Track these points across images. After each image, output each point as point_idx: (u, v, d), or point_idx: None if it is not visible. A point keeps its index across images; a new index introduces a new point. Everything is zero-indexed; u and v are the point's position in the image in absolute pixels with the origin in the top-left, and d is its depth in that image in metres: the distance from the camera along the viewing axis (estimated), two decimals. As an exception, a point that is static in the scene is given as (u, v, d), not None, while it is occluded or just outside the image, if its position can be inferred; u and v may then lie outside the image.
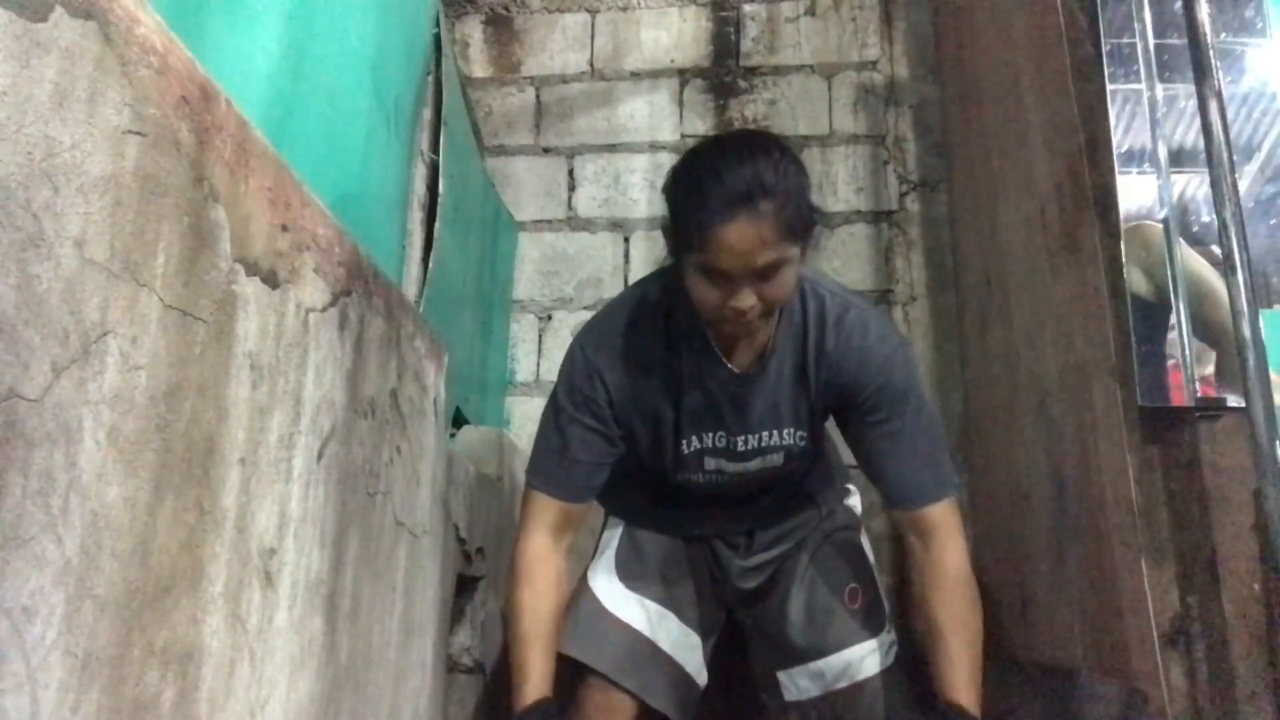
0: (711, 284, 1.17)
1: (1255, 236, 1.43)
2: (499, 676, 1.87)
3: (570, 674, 1.44)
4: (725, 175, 1.13)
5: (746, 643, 1.58)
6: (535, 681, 1.28)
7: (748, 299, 1.15)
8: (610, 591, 1.48)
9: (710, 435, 1.38)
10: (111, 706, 0.66)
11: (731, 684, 1.62)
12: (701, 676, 1.50)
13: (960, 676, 1.27)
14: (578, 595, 1.48)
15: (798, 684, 1.46)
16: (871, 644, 1.43)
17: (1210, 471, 1.39)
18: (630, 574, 1.49)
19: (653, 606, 1.47)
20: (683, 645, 1.48)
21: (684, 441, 1.38)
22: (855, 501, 1.64)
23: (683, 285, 1.23)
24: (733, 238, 1.11)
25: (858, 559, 1.53)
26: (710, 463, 1.41)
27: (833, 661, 1.43)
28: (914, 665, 1.48)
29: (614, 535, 1.56)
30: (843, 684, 1.42)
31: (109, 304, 0.66)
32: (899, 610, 1.81)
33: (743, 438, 1.38)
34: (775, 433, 1.39)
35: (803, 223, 1.16)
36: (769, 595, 1.54)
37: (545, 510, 1.36)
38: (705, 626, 1.52)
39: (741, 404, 1.35)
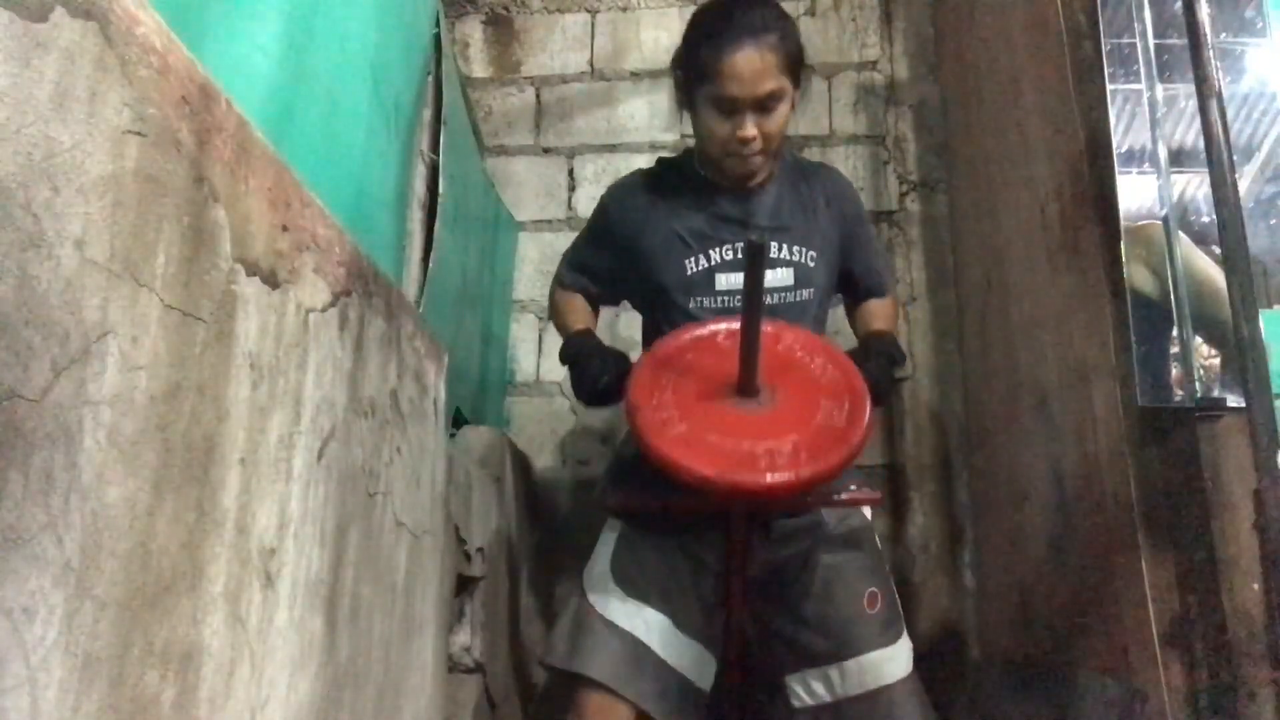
0: (720, 115, 1.40)
1: (1255, 236, 1.43)
2: (499, 676, 1.87)
3: (567, 683, 1.43)
4: (734, 15, 1.38)
5: (752, 645, 1.54)
6: (580, 323, 1.61)
7: (751, 129, 1.39)
8: (606, 599, 1.45)
9: (717, 249, 1.52)
10: (111, 706, 0.66)
11: (736, 691, 1.60)
12: (705, 682, 1.46)
13: (876, 321, 1.63)
14: (572, 604, 1.47)
15: (810, 688, 1.43)
16: (890, 650, 1.41)
17: (1210, 471, 1.39)
18: (628, 581, 1.46)
19: (651, 614, 1.44)
20: (682, 652, 1.45)
21: (690, 259, 1.52)
22: (867, 510, 1.61)
23: (688, 154, 1.59)
24: (741, 65, 1.35)
25: (875, 560, 1.51)
26: (721, 280, 1.52)
27: (850, 666, 1.41)
28: (920, 668, 1.47)
29: (610, 541, 1.53)
30: (857, 690, 1.39)
31: (109, 304, 0.66)
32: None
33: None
34: (783, 245, 1.52)
35: (798, 61, 1.42)
36: (781, 593, 1.51)
37: (569, 293, 1.69)
38: (706, 634, 1.49)
39: (745, 215, 1.53)
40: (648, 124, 2.73)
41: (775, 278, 1.50)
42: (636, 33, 2.82)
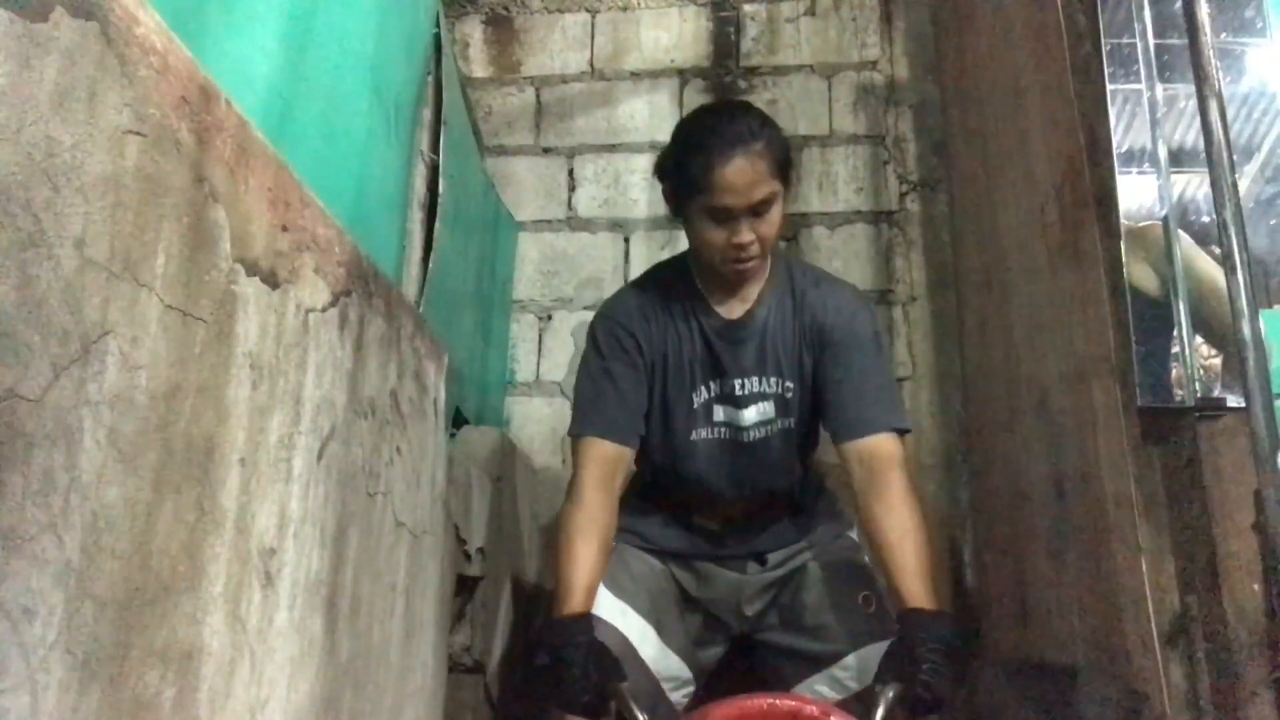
0: (715, 224, 1.40)
1: (1255, 236, 1.43)
2: (499, 676, 1.87)
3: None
4: (721, 128, 1.39)
5: (761, 667, 1.58)
6: (577, 597, 1.33)
7: (747, 234, 1.38)
8: (598, 598, 1.47)
9: (714, 383, 1.51)
10: (111, 706, 0.66)
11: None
12: (678, 697, 1.50)
13: (915, 582, 1.30)
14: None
15: (816, 693, 1.46)
16: (885, 645, 1.43)
17: (1210, 471, 1.39)
18: (617, 585, 1.49)
19: (636, 618, 1.47)
20: (663, 663, 1.48)
21: (695, 391, 1.50)
22: (855, 533, 1.64)
23: (680, 262, 1.54)
24: (733, 176, 1.35)
25: (865, 572, 1.54)
26: (718, 412, 1.50)
27: (849, 662, 1.43)
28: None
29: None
30: (859, 686, 1.42)
31: (109, 304, 0.66)
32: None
33: (739, 380, 1.49)
34: (766, 379, 1.50)
35: (786, 163, 1.42)
36: (779, 611, 1.54)
37: (595, 452, 1.44)
38: (687, 653, 1.52)
39: (736, 349, 1.50)
40: (648, 124, 2.73)
41: (759, 411, 1.50)
42: (636, 33, 2.82)
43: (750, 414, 1.50)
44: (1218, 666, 1.33)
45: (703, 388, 1.51)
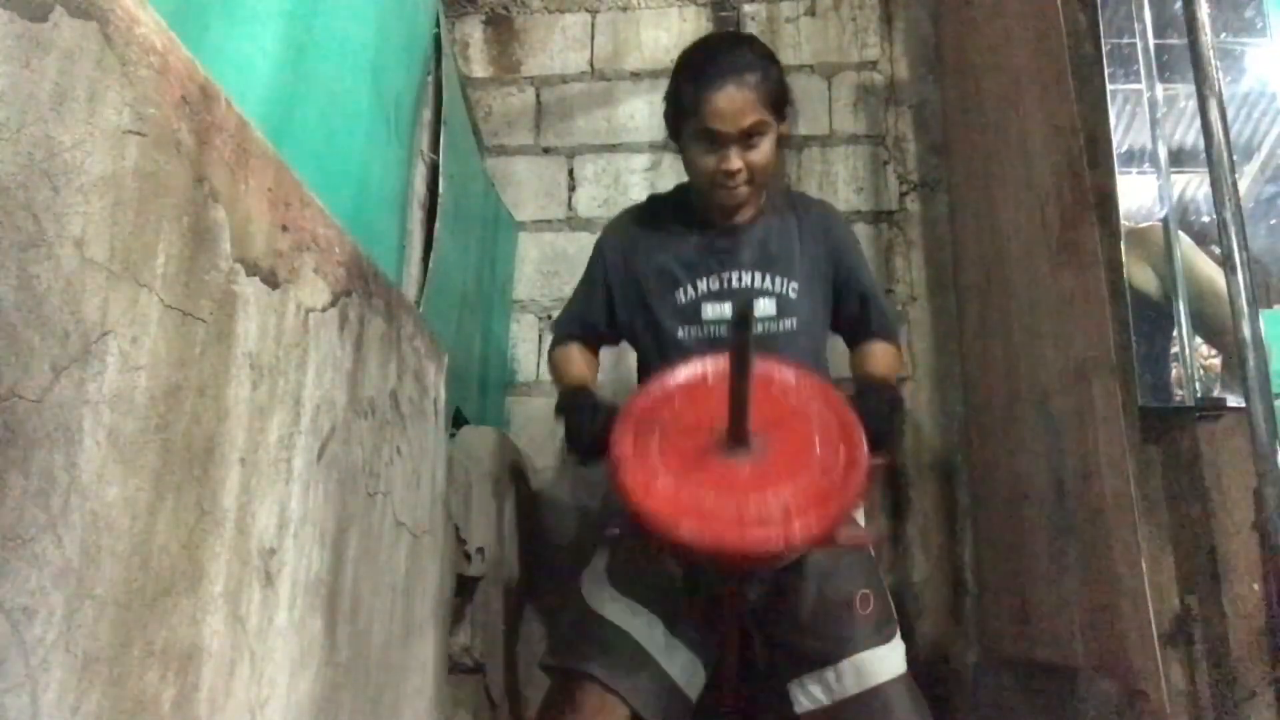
0: (705, 148, 1.45)
1: (1255, 236, 1.43)
2: (499, 676, 1.87)
3: (562, 678, 1.44)
4: (717, 55, 1.46)
5: (757, 657, 1.57)
6: (576, 377, 1.60)
7: (736, 161, 1.44)
8: (600, 596, 1.48)
9: (703, 280, 1.56)
10: (111, 706, 0.66)
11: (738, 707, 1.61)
12: (692, 690, 1.49)
13: (875, 367, 1.57)
14: (571, 607, 1.49)
15: (809, 692, 1.45)
16: (883, 650, 1.43)
17: (1210, 471, 1.39)
18: (624, 584, 1.49)
19: (643, 613, 1.46)
20: (674, 658, 1.47)
21: (681, 289, 1.57)
22: (860, 515, 1.63)
23: (681, 187, 1.62)
24: (722, 101, 1.41)
25: (866, 563, 1.53)
26: (707, 310, 1.55)
27: (844, 667, 1.42)
28: (921, 668, 1.47)
29: (606, 547, 1.56)
30: (853, 691, 1.41)
31: (109, 304, 0.66)
32: (899, 610, 1.81)
33: (735, 273, 1.55)
34: (766, 275, 1.55)
35: (779, 96, 1.47)
36: (779, 601, 1.54)
37: (568, 345, 1.68)
38: (696, 642, 1.51)
39: (733, 247, 1.57)
40: (648, 124, 2.73)
41: (759, 307, 1.53)
42: (636, 33, 2.82)
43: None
44: (1218, 666, 1.33)
45: (688, 286, 1.56)
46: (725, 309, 1.54)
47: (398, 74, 1.58)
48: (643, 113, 2.75)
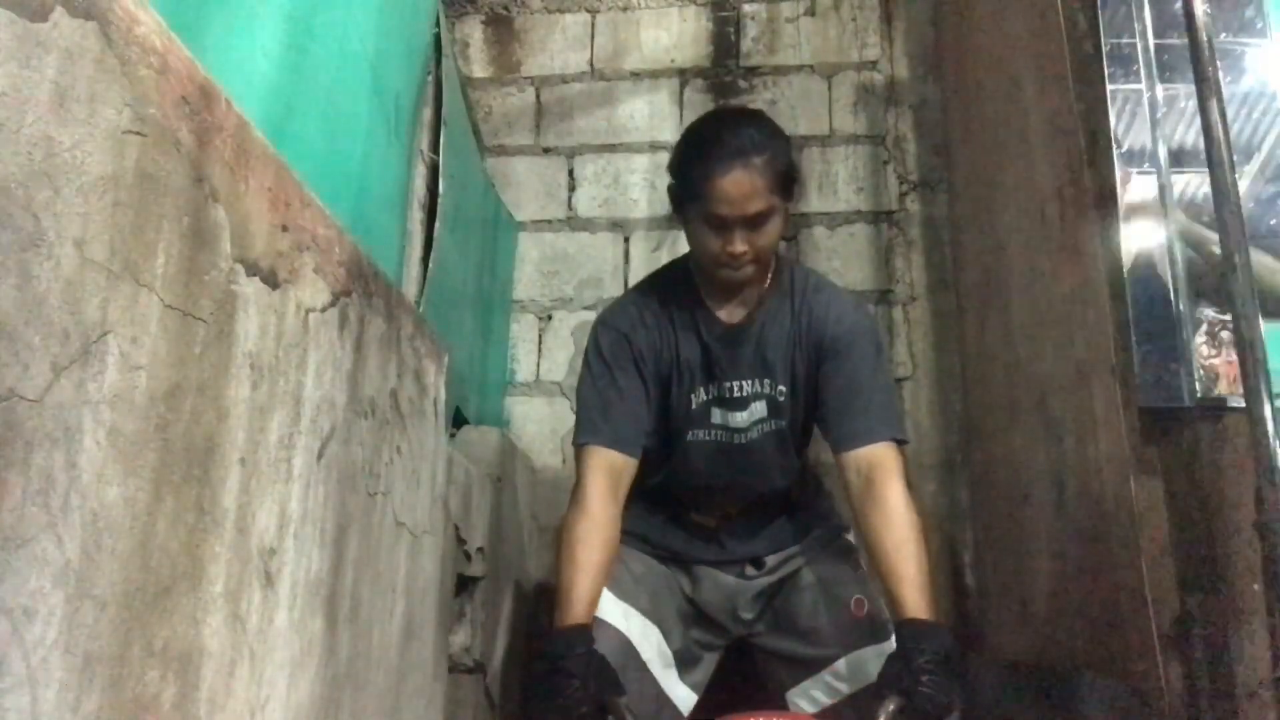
0: (711, 231, 1.40)
1: (1255, 236, 1.43)
2: (499, 676, 1.87)
3: None
4: (724, 137, 1.39)
5: (757, 668, 1.58)
6: (578, 607, 1.32)
7: (740, 244, 1.39)
8: (600, 599, 1.47)
9: (711, 385, 1.52)
10: (111, 706, 0.66)
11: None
12: (685, 705, 1.50)
13: (913, 592, 1.29)
14: None
15: (812, 696, 1.46)
16: (879, 648, 1.43)
17: (1210, 471, 1.39)
18: (619, 587, 1.49)
19: (639, 619, 1.47)
20: (664, 665, 1.49)
21: (694, 393, 1.51)
22: (851, 535, 1.64)
23: (683, 266, 1.54)
24: (729, 187, 1.35)
25: (859, 574, 1.54)
26: (715, 415, 1.52)
27: (840, 667, 1.44)
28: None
29: None
30: (851, 689, 1.42)
31: (109, 304, 0.66)
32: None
33: (735, 383, 1.51)
34: (759, 382, 1.51)
35: (787, 179, 1.41)
36: (773, 616, 1.55)
37: (600, 461, 1.43)
38: (686, 656, 1.53)
39: (732, 353, 1.51)
40: (648, 124, 2.73)
41: (752, 413, 1.51)
42: (636, 33, 2.82)
43: (743, 416, 1.52)
44: (1218, 666, 1.33)
45: (701, 390, 1.52)
46: (728, 416, 1.52)
47: (398, 74, 1.58)
48: (643, 113, 2.75)
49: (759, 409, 1.52)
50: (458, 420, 1.97)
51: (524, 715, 1.31)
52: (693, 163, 1.41)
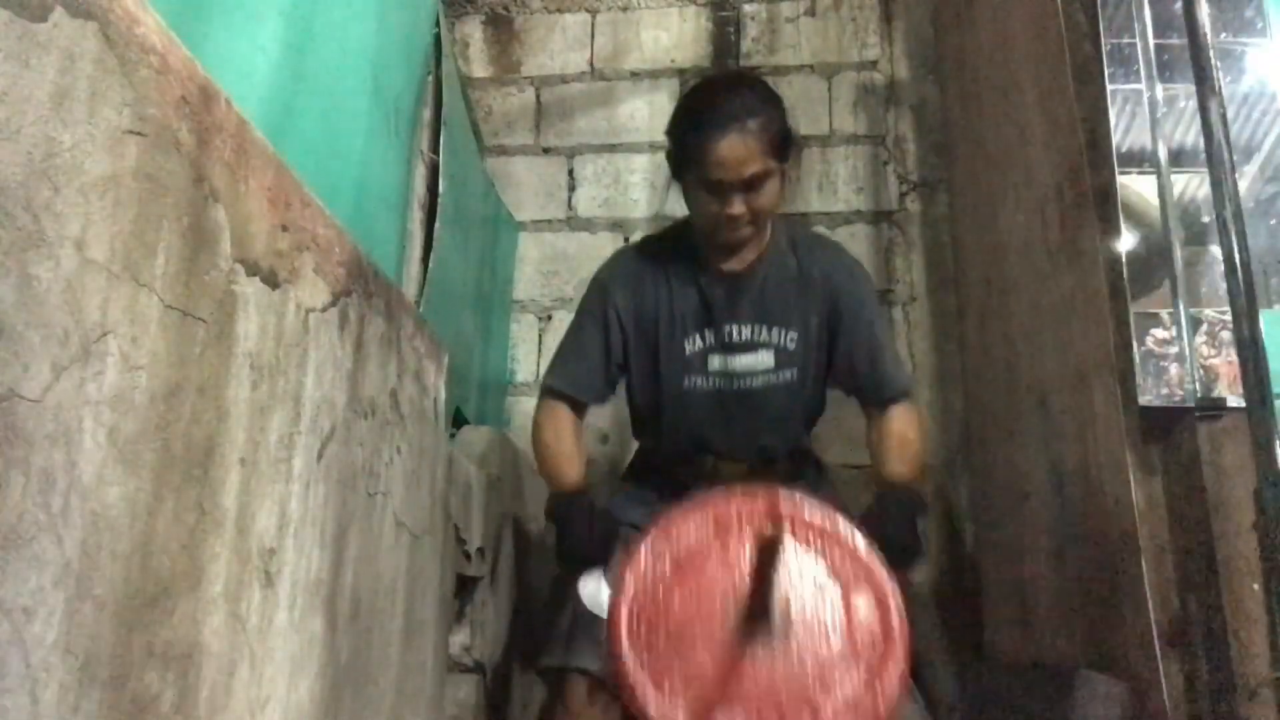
0: (708, 194, 1.43)
1: (1255, 236, 1.43)
2: (499, 677, 1.87)
3: (556, 677, 1.45)
4: (718, 102, 1.42)
5: None
6: (568, 477, 1.51)
7: (738, 206, 1.42)
8: (596, 593, 1.47)
9: (708, 331, 1.54)
10: (111, 706, 0.66)
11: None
12: None
13: (896, 464, 1.49)
14: (561, 605, 1.49)
15: None
16: None
17: (1210, 471, 1.39)
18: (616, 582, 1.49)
19: None
20: None
21: (687, 340, 1.54)
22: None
23: (683, 224, 1.58)
24: (724, 151, 1.38)
25: None
26: (713, 361, 1.54)
27: None
28: (919, 668, 1.47)
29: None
30: None
31: (109, 304, 0.66)
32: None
33: (733, 326, 1.53)
34: (764, 328, 1.53)
35: (783, 141, 1.44)
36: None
37: (556, 404, 1.58)
38: None
39: (732, 298, 1.54)
40: (648, 124, 2.73)
41: (756, 360, 1.53)
42: (636, 33, 2.82)
43: (745, 361, 1.53)
44: (1218, 666, 1.33)
45: (696, 336, 1.54)
46: (727, 361, 1.53)
47: (398, 74, 1.58)
48: (643, 113, 2.75)
49: (765, 358, 1.53)
50: (458, 420, 1.97)
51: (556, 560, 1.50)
52: (689, 129, 1.44)
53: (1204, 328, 1.48)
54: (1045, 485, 1.79)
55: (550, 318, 2.66)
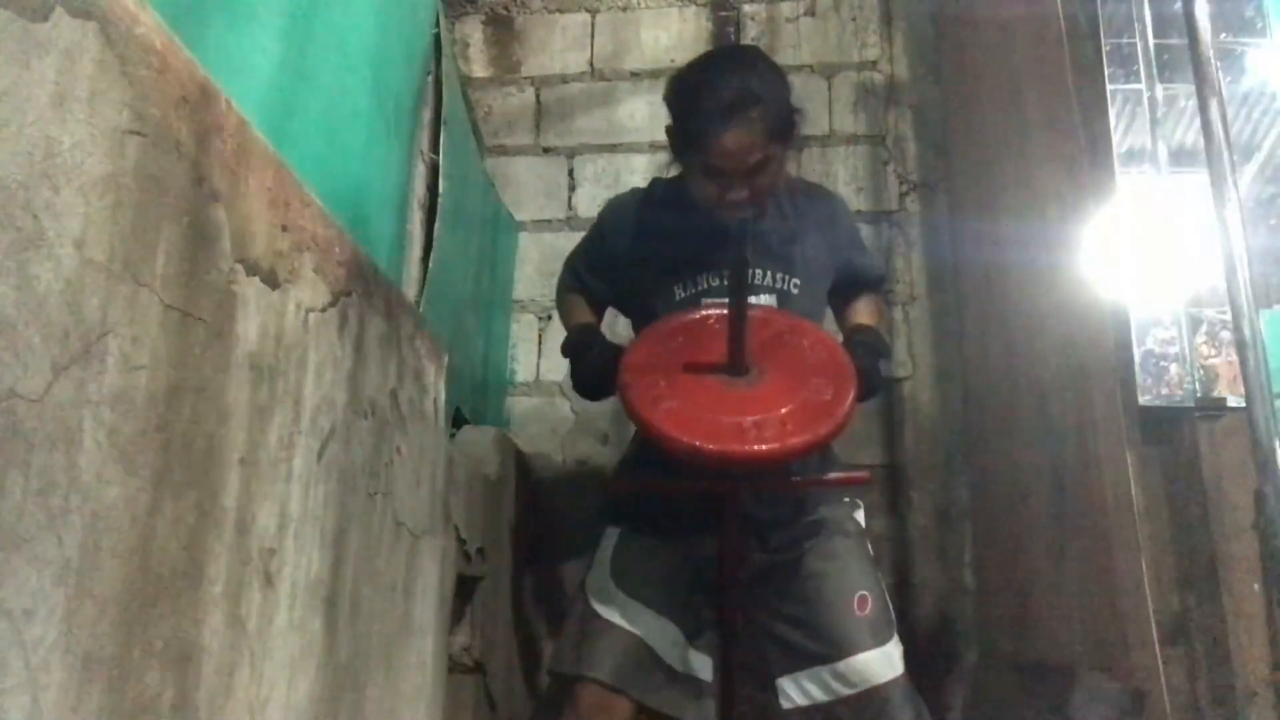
0: (710, 180, 1.42)
1: (1255, 236, 1.43)
2: (499, 676, 1.87)
3: (569, 684, 1.44)
4: (720, 89, 1.37)
5: (746, 644, 1.56)
6: (583, 317, 1.65)
7: (742, 191, 1.41)
8: (609, 602, 1.47)
9: (704, 276, 1.54)
10: (111, 706, 0.66)
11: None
12: (705, 674, 1.49)
13: (861, 314, 1.62)
14: (576, 610, 1.49)
15: (804, 689, 1.45)
16: (881, 651, 1.43)
17: (1210, 471, 1.39)
18: (628, 584, 1.48)
19: (649, 613, 1.47)
20: (682, 657, 1.48)
21: (679, 284, 1.55)
22: (860, 515, 1.63)
23: (683, 180, 1.54)
24: (728, 142, 1.35)
25: (865, 564, 1.53)
26: (707, 305, 1.54)
27: (840, 668, 1.43)
28: (919, 668, 1.47)
29: (609, 545, 1.55)
30: (849, 691, 1.41)
31: (109, 304, 0.66)
32: (899, 611, 1.81)
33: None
34: (767, 272, 1.54)
35: (786, 125, 1.42)
36: (772, 595, 1.53)
37: (575, 291, 1.70)
38: (698, 628, 1.52)
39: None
40: (648, 124, 2.73)
41: (759, 304, 1.51)
42: (636, 33, 2.82)
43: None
44: (1218, 666, 1.33)
45: (689, 281, 1.55)
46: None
47: (398, 74, 1.58)
48: (643, 113, 2.75)
49: (766, 301, 1.53)
50: (458, 420, 1.97)
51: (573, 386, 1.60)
52: (690, 115, 1.41)
53: (1204, 328, 1.49)
54: (1045, 485, 1.79)
55: (550, 318, 2.65)
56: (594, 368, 1.50)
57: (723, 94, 1.36)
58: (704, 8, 2.83)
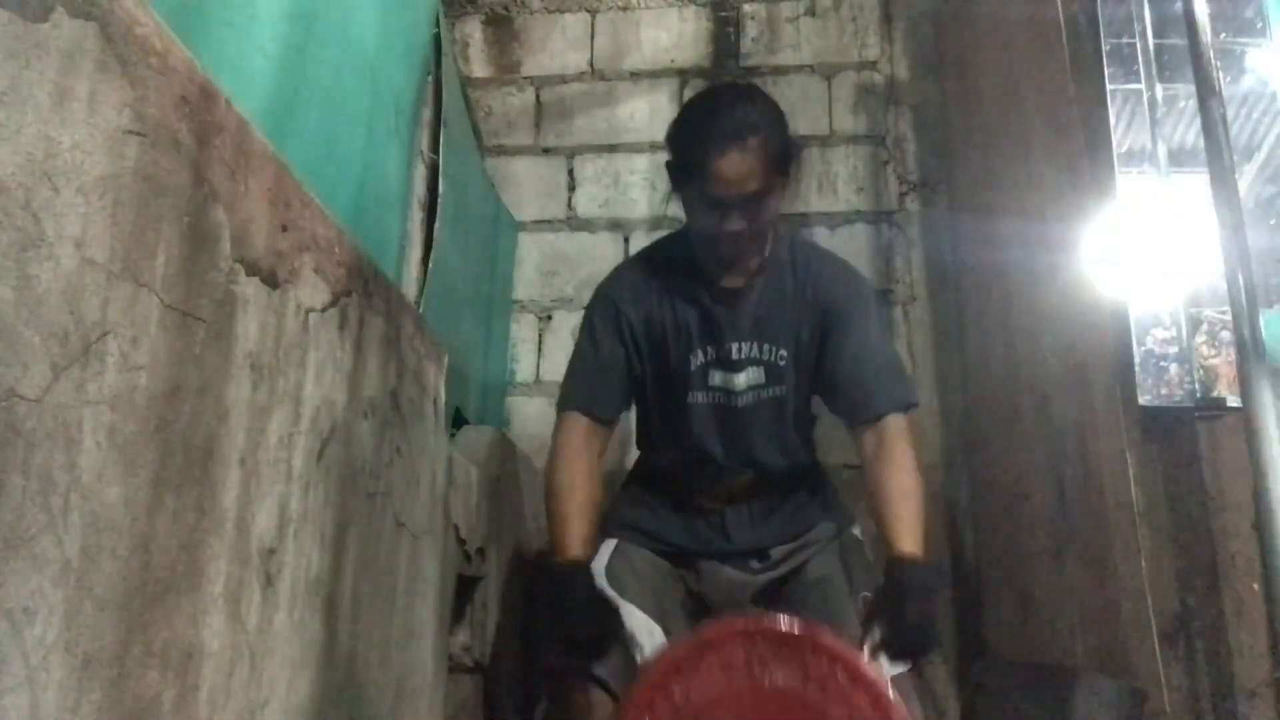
0: (708, 210, 1.41)
1: (1255, 236, 1.43)
2: (499, 676, 1.87)
3: (564, 680, 1.45)
4: (720, 118, 1.39)
5: None
6: (573, 544, 1.42)
7: (738, 222, 1.40)
8: (603, 599, 1.47)
9: (710, 347, 1.53)
10: (111, 706, 0.66)
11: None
12: None
13: (907, 532, 1.35)
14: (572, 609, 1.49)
15: None
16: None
17: (1210, 471, 1.39)
18: (623, 587, 1.49)
19: (641, 617, 1.47)
20: None
21: (692, 354, 1.53)
22: (859, 531, 1.64)
23: (683, 235, 1.55)
24: (726, 169, 1.36)
25: (865, 571, 1.54)
26: (714, 376, 1.53)
27: None
28: (920, 668, 1.47)
29: (605, 552, 1.56)
30: None
31: (109, 304, 0.66)
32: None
33: (735, 344, 1.53)
34: (759, 345, 1.52)
35: (784, 157, 1.42)
36: (779, 608, 1.54)
37: (575, 423, 1.52)
38: None
39: (732, 314, 1.52)
40: (648, 124, 2.73)
41: (749, 376, 1.53)
42: (636, 33, 2.82)
43: (742, 378, 1.53)
44: (1218, 666, 1.33)
45: (700, 351, 1.53)
46: (727, 378, 1.53)
47: (398, 74, 1.58)
48: (643, 113, 2.75)
49: (756, 374, 1.53)
50: (458, 420, 1.97)
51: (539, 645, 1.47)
52: (689, 143, 1.42)
53: (1204, 328, 1.49)
54: (1045, 485, 1.79)
55: (550, 318, 2.65)
56: (574, 634, 1.37)
57: (723, 122, 1.38)
58: (704, 8, 2.83)
